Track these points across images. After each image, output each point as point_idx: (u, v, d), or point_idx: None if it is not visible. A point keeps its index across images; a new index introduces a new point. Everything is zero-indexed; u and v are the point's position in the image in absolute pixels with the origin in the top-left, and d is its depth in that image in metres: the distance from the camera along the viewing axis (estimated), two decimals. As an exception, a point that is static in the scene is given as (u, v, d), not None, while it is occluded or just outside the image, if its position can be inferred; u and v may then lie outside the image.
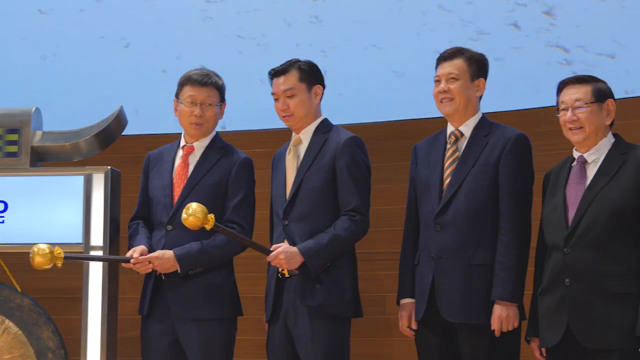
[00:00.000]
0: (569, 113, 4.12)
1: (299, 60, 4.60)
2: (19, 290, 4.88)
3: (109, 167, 4.81)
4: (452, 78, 4.37)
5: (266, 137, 6.23)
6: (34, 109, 4.95)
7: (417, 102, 6.31)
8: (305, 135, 4.57)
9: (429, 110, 4.68)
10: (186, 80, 4.70)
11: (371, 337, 5.72)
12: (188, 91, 4.66)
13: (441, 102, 4.41)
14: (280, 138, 4.92)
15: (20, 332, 4.81)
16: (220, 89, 4.72)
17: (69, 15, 7.36)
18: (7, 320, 4.82)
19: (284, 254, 4.36)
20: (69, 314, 5.45)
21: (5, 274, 4.91)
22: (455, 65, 4.39)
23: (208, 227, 4.18)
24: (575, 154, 4.17)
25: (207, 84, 4.67)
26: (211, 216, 4.17)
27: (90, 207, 4.77)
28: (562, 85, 4.20)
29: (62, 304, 5.69)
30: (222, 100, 4.74)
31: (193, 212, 4.17)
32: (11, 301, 4.85)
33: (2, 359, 4.78)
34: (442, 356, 4.36)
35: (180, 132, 4.84)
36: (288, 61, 4.60)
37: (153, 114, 6.37)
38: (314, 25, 7.03)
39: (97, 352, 4.68)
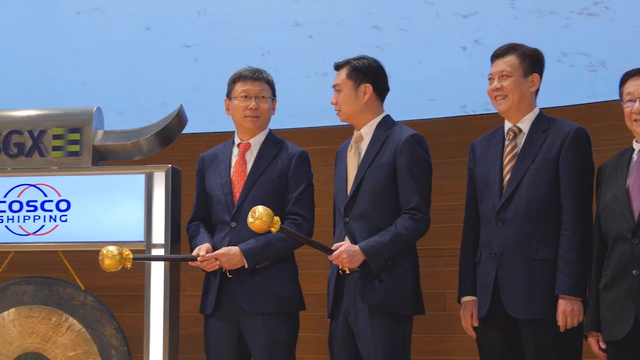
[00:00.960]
0: (637, 104, 4.07)
1: (358, 58, 4.61)
2: (82, 288, 4.93)
3: (170, 165, 4.84)
4: (505, 75, 4.35)
5: (320, 134, 6.22)
6: (95, 108, 5.00)
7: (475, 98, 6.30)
8: (366, 132, 4.56)
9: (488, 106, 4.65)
10: (237, 77, 4.73)
11: (432, 333, 5.70)
12: (241, 86, 4.69)
13: (495, 100, 4.39)
14: (336, 135, 4.92)
15: (83, 329, 4.85)
16: (271, 84, 4.75)
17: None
18: (70, 318, 4.87)
19: (346, 253, 4.35)
20: (131, 311, 5.49)
21: (69, 272, 4.96)
22: (507, 62, 4.36)
23: (274, 230, 4.18)
24: (636, 146, 4.12)
25: (259, 79, 4.71)
26: (277, 219, 4.17)
27: (151, 205, 4.81)
28: (626, 77, 4.14)
29: (125, 302, 5.74)
30: (274, 96, 4.75)
31: (260, 216, 4.15)
32: (75, 299, 4.90)
33: (66, 356, 4.84)
34: (504, 352, 4.32)
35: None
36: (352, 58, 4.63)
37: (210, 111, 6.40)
38: (370, 17, 7.02)
39: (160, 349, 4.71)
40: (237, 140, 4.75)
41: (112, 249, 4.42)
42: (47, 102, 6.21)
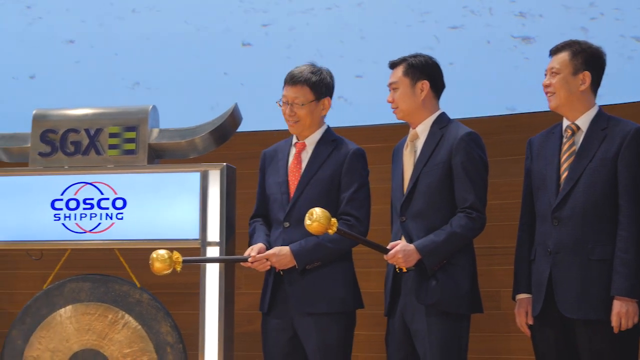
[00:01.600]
0: None
1: (413, 56, 4.59)
2: (138, 285, 4.96)
3: (225, 163, 4.85)
4: (554, 72, 4.32)
5: (374, 132, 6.21)
6: (150, 106, 5.04)
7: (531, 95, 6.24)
8: (421, 130, 4.53)
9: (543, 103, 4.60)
10: (284, 79, 4.73)
11: (487, 332, 5.65)
12: (284, 90, 4.69)
13: (547, 96, 4.37)
14: (389, 133, 4.90)
15: (139, 326, 4.88)
16: (314, 86, 4.66)
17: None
18: (126, 315, 4.91)
19: (402, 252, 4.33)
20: (186, 309, 5.52)
21: (125, 270, 4.99)
22: (558, 59, 4.32)
23: (331, 232, 4.16)
24: None
25: (296, 83, 4.66)
26: (334, 221, 4.15)
27: (206, 203, 4.83)
28: None
29: (180, 299, 5.76)
30: (320, 96, 4.68)
31: (317, 218, 4.14)
32: (130, 296, 4.93)
33: (122, 353, 4.87)
34: (559, 351, 4.29)
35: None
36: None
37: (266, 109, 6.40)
38: (426, 16, 6.99)
39: (215, 347, 4.73)
40: (294, 140, 4.76)
41: (162, 252, 4.44)
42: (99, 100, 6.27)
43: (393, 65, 4.60)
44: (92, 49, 7.41)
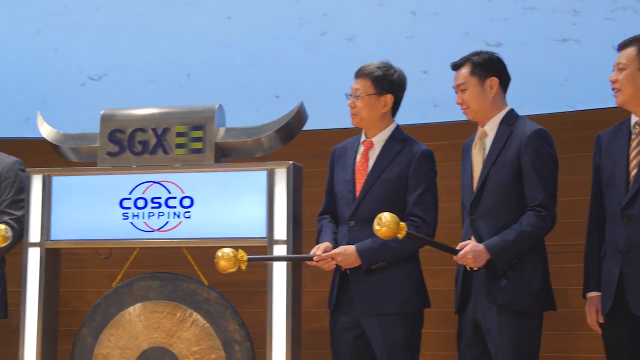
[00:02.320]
0: None
1: (476, 54, 4.57)
2: (206, 283, 4.98)
3: (291, 162, 4.86)
4: (621, 68, 4.26)
5: (442, 130, 6.18)
6: (217, 106, 5.06)
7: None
8: (490, 128, 4.50)
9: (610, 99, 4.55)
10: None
11: (556, 330, 5.60)
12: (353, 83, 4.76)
13: (614, 92, 4.32)
14: (457, 131, 4.87)
15: (207, 324, 4.91)
16: (376, 80, 4.67)
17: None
18: (195, 313, 4.93)
19: (471, 253, 4.31)
20: (253, 307, 5.53)
21: (192, 268, 5.02)
22: (625, 55, 4.27)
23: (400, 236, 4.16)
24: None
25: (359, 75, 4.70)
26: (403, 225, 4.14)
27: (273, 201, 4.83)
28: None
29: (247, 297, 5.78)
30: (381, 92, 4.67)
31: (386, 223, 4.12)
32: (198, 294, 4.96)
33: (190, 350, 4.90)
34: (631, 350, 4.23)
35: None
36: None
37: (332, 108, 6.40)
38: (491, 18, 6.95)
39: (283, 345, 4.74)
40: (362, 137, 4.75)
41: (227, 250, 4.47)
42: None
43: (457, 66, 4.58)
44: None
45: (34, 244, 5.06)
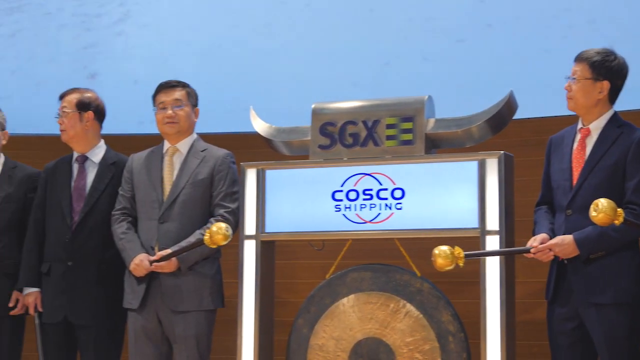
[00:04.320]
0: None
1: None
2: (419, 274, 4.99)
3: (502, 151, 4.81)
4: None
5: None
6: (426, 97, 5.05)
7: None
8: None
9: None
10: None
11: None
12: None
13: None
14: None
15: (421, 315, 4.91)
16: (593, 65, 4.62)
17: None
18: (408, 304, 4.94)
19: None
20: (464, 297, 5.51)
21: (404, 259, 5.04)
22: None
23: (617, 222, 4.10)
24: None
25: (578, 59, 4.66)
26: (620, 211, 4.09)
27: (484, 192, 4.79)
28: None
29: (458, 288, 5.75)
30: (598, 77, 4.60)
31: (603, 209, 4.08)
32: (411, 285, 4.96)
33: (404, 341, 4.91)
34: None
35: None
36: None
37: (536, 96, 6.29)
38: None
39: (497, 336, 4.68)
40: (579, 125, 4.68)
41: (444, 248, 4.50)
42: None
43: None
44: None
45: (250, 237, 5.17)
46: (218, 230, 4.86)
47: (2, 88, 7.72)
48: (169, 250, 5.09)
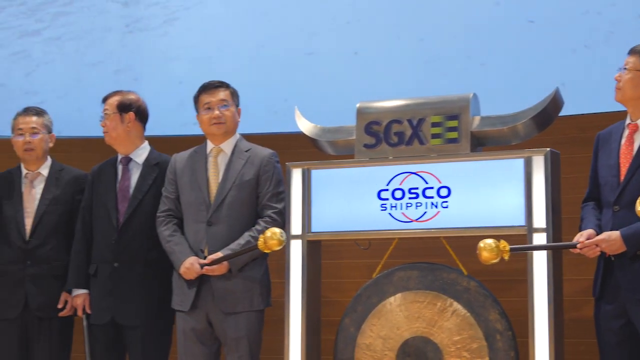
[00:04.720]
0: None
1: None
2: (465, 273, 4.97)
3: (549, 149, 4.78)
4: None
5: None
6: (471, 95, 5.04)
7: None
8: None
9: None
10: None
11: None
12: None
13: None
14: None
15: (468, 314, 4.90)
16: None
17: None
18: (455, 303, 4.93)
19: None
20: (512, 296, 5.49)
21: (450, 257, 5.03)
22: None
23: None
24: None
25: (631, 52, 4.66)
26: None
27: (531, 189, 4.77)
28: None
29: (505, 286, 5.72)
30: None
31: None
32: (458, 284, 4.95)
33: (452, 340, 4.90)
34: None
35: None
36: None
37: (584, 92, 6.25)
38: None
39: (545, 334, 4.66)
40: (627, 121, 4.65)
41: (490, 241, 4.49)
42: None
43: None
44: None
45: (296, 237, 5.18)
46: (272, 236, 4.90)
47: (49, 91, 7.80)
48: (220, 254, 5.11)
